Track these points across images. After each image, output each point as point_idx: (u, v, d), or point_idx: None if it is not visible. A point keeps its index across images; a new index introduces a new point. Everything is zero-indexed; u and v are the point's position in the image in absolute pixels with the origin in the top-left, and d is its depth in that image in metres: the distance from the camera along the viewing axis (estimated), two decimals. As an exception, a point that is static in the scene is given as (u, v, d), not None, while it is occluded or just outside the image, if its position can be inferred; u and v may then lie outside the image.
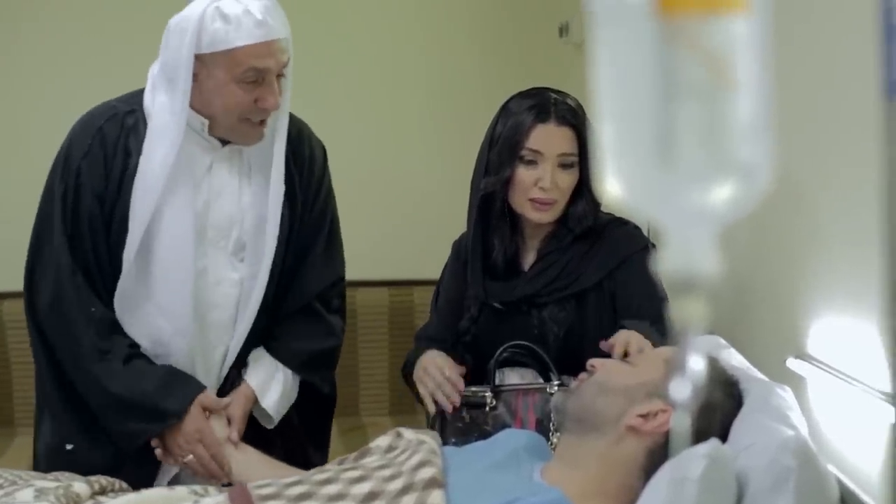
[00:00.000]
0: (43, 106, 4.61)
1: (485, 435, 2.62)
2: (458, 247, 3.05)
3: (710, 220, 0.78)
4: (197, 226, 2.72)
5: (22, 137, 4.65)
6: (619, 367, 2.22)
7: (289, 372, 2.91)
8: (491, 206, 2.83)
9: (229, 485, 2.63)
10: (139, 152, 2.70)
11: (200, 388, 2.76)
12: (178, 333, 2.74)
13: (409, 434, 2.32)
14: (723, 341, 2.48)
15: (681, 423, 0.84)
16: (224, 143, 2.78)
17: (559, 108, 2.75)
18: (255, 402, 2.87)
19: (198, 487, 2.34)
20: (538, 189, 2.74)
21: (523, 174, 2.75)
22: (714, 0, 0.77)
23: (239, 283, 2.81)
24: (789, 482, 1.86)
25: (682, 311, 0.79)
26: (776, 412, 2.08)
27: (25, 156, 4.59)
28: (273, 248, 2.77)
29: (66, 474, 2.45)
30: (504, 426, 2.66)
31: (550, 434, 2.57)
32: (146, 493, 2.31)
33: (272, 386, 2.89)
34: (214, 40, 2.58)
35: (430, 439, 2.27)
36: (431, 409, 2.79)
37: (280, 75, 2.67)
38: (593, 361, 2.27)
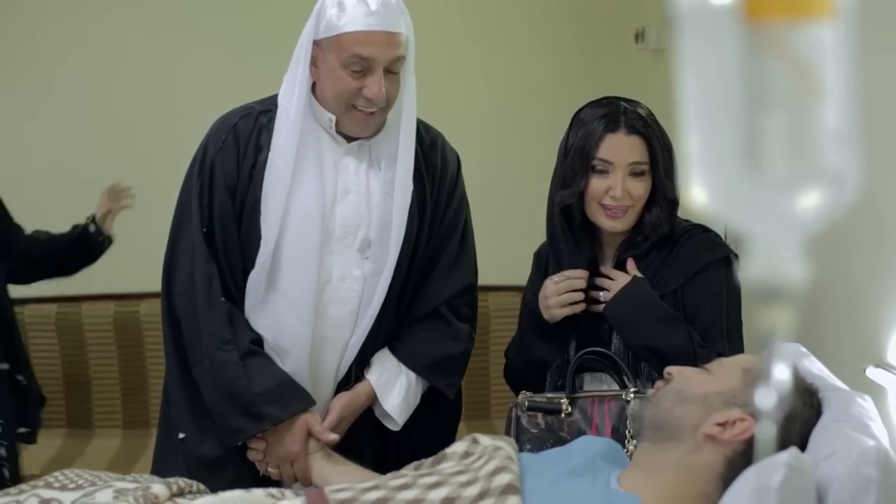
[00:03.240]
0: (182, 115, 4.72)
1: (560, 441, 2.62)
2: (538, 258, 3.05)
3: (796, 228, 0.78)
4: (324, 222, 2.77)
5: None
6: (697, 375, 2.21)
7: (412, 374, 2.90)
8: (571, 218, 2.83)
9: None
10: (270, 149, 2.78)
11: (309, 402, 2.78)
12: (302, 323, 2.77)
13: (485, 440, 2.32)
14: (803, 349, 2.46)
15: (766, 431, 0.83)
16: (350, 140, 2.81)
17: (629, 117, 2.75)
18: (376, 401, 2.87)
19: (274, 490, 2.36)
20: (609, 197, 2.74)
21: (595, 184, 2.75)
22: (801, 7, 0.76)
23: (362, 280, 2.82)
24: (870, 492, 1.84)
25: (768, 319, 0.79)
26: (856, 421, 2.06)
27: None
28: (398, 247, 2.79)
29: (145, 476, 2.48)
30: (580, 433, 2.65)
31: (626, 441, 2.57)
32: (223, 496, 2.33)
33: (395, 388, 2.88)
34: (328, 26, 2.66)
35: (507, 445, 2.27)
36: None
37: (391, 70, 2.69)
38: (670, 369, 2.25)
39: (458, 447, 2.34)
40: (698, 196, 0.79)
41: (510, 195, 4.81)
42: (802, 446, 2.03)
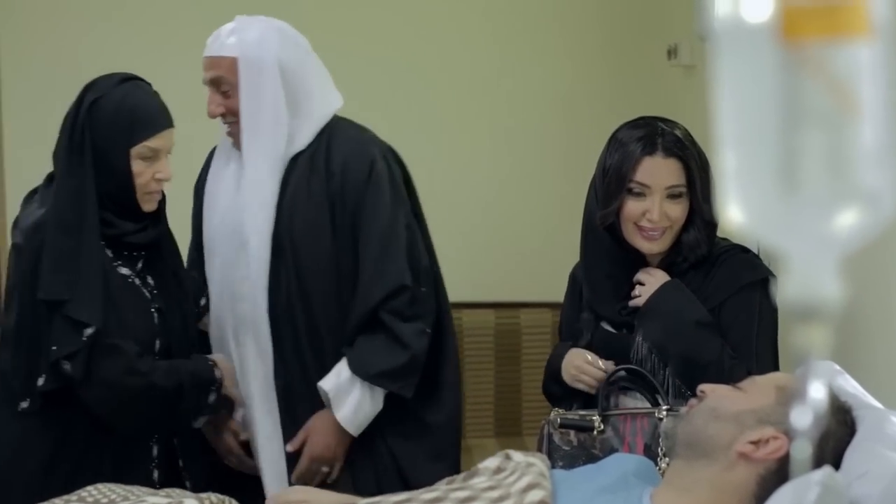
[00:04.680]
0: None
1: (592, 459, 2.61)
2: (573, 279, 3.04)
3: (833, 247, 0.78)
4: (228, 223, 3.03)
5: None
6: (730, 393, 2.20)
7: (366, 383, 2.95)
8: (613, 237, 2.82)
9: None
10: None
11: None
12: (216, 321, 3.10)
13: (517, 456, 2.32)
14: (837, 367, 2.45)
15: (802, 450, 0.83)
16: None
17: (666, 139, 2.73)
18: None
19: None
20: (646, 220, 2.72)
21: (632, 206, 2.73)
22: (837, 25, 0.76)
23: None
24: (905, 512, 1.83)
25: (804, 338, 0.78)
26: (891, 440, 2.05)
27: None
28: (256, 248, 2.96)
29: (177, 490, 2.48)
30: (612, 450, 2.65)
31: (659, 459, 2.56)
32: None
33: (348, 398, 2.95)
34: None
35: (539, 462, 2.27)
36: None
37: (220, 90, 2.95)
38: (703, 387, 2.24)
39: (490, 463, 2.34)
40: (735, 214, 0.79)
41: (541, 212, 4.81)
42: (836, 465, 2.02)
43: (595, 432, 2.70)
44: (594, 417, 2.71)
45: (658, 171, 2.72)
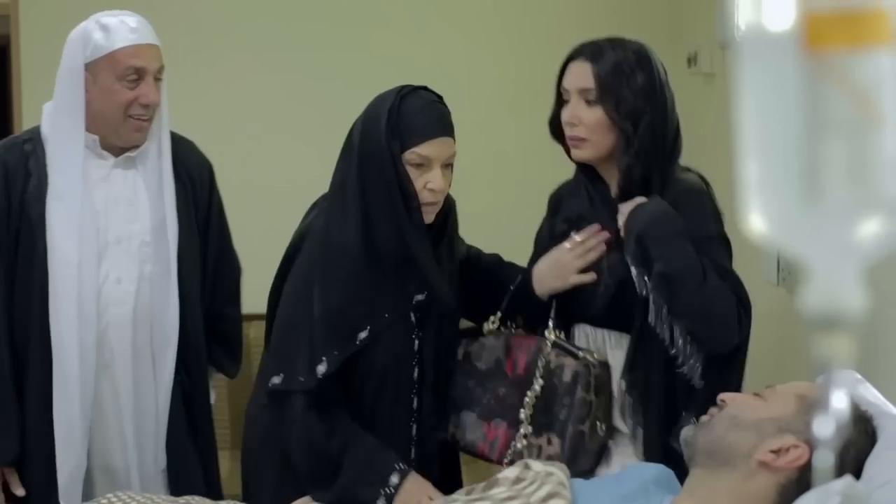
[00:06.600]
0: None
1: (474, 371, 2.76)
2: (551, 201, 3.05)
3: (856, 256, 0.77)
4: (98, 232, 2.96)
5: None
6: (751, 402, 2.19)
7: None
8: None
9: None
10: (39, 174, 2.95)
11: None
12: (86, 323, 2.93)
13: (537, 466, 2.32)
14: (858, 376, 2.44)
15: (824, 460, 0.83)
16: (118, 153, 3.03)
17: (587, 45, 2.72)
18: None
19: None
20: (567, 124, 2.71)
21: (562, 114, 2.75)
22: (861, 34, 0.76)
23: (137, 281, 3.01)
24: (927, 522, 1.83)
25: (827, 347, 0.78)
26: (912, 450, 2.05)
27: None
28: (175, 245, 3.02)
29: (197, 498, 2.49)
30: (496, 361, 2.75)
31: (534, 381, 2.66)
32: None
33: None
34: (97, 48, 2.91)
35: (559, 471, 2.27)
36: None
37: (157, 79, 2.98)
38: (724, 396, 2.24)
39: (509, 472, 2.34)
40: (757, 224, 0.79)
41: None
42: (857, 474, 2.02)
43: (485, 331, 2.81)
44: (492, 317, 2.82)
45: (574, 74, 2.71)
